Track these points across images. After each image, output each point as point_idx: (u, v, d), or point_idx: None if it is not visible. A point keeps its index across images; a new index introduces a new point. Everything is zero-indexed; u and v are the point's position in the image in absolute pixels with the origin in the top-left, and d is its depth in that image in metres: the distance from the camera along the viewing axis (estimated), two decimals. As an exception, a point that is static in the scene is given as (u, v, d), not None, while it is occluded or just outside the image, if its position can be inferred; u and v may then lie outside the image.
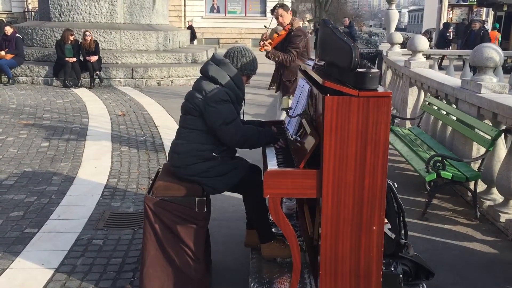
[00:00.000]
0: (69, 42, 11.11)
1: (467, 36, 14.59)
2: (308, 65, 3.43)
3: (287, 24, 5.31)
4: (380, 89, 2.57)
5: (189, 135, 3.16)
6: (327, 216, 2.61)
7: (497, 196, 4.56)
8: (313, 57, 5.36)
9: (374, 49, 13.15)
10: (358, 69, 2.51)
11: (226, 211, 4.38)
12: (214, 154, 3.13)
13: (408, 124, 7.07)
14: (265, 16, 25.70)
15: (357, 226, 2.62)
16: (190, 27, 22.42)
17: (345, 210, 2.60)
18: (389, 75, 10.06)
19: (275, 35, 5.34)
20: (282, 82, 5.38)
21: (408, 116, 7.24)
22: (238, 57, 3.24)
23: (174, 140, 3.27)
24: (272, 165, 2.79)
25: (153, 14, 14.45)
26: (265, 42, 5.21)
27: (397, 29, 15.49)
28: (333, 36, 2.76)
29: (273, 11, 5.37)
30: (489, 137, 4.33)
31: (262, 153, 3.16)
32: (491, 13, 25.24)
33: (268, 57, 5.30)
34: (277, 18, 5.31)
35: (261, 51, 5.30)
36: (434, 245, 3.87)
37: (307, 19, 67.97)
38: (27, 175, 5.25)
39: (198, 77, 3.26)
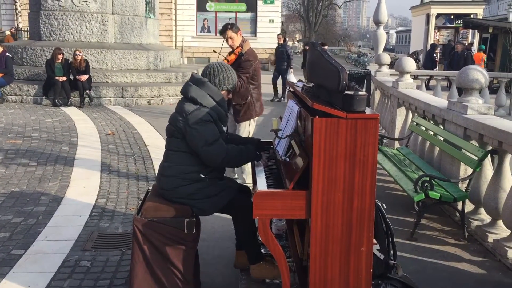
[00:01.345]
0: (59, 61, 11.12)
1: (451, 57, 14.86)
2: (298, 86, 3.47)
3: (237, 47, 5.14)
4: (368, 111, 2.61)
5: (176, 157, 3.16)
6: (316, 237, 2.62)
7: (484, 216, 4.60)
8: (302, 77, 5.36)
9: (363, 70, 13.31)
10: (346, 92, 2.56)
11: (215, 232, 4.36)
12: (201, 175, 3.13)
13: (396, 144, 7.14)
14: (255, 36, 25.99)
15: (346, 247, 2.64)
16: None
17: (334, 231, 2.62)
18: (377, 95, 10.17)
19: (225, 61, 5.11)
20: (233, 106, 5.19)
21: (397, 136, 7.32)
22: (214, 73, 3.25)
23: (162, 162, 3.27)
24: (262, 186, 2.80)
25: (144, 34, 14.53)
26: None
27: (385, 49, 15.72)
28: (321, 59, 2.81)
29: (222, 33, 5.16)
30: (476, 158, 4.39)
31: (252, 174, 3.17)
32: (477, 34, 25.74)
33: None
34: (226, 41, 5.13)
35: None
36: (423, 265, 3.88)
37: (297, 39, 68.76)
38: (15, 195, 5.20)
39: (180, 99, 3.28)
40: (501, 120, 4.52)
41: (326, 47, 16.04)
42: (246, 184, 4.27)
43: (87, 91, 11.25)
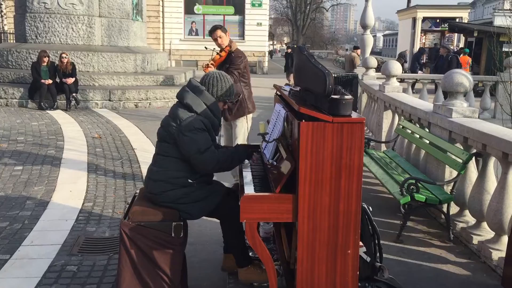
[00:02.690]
0: (45, 63, 11.03)
1: (437, 60, 15.05)
2: (285, 90, 3.49)
3: (226, 46, 5.30)
4: (354, 115, 2.64)
5: (165, 162, 3.15)
6: (303, 240, 2.64)
7: (469, 218, 4.66)
8: (282, 80, 5.43)
9: (350, 73, 13.40)
10: (332, 96, 2.58)
11: (203, 235, 4.36)
12: (190, 180, 3.14)
13: (383, 147, 7.19)
14: (243, 39, 26.03)
15: (333, 249, 2.66)
16: None
17: (320, 234, 2.64)
18: (364, 98, 10.25)
19: (217, 56, 5.33)
20: None
21: (383, 139, 7.38)
22: (214, 83, 3.23)
23: (150, 166, 3.27)
24: (249, 189, 2.81)
25: (131, 37, 14.48)
26: (208, 63, 5.23)
27: (373, 52, 15.90)
28: (308, 63, 2.83)
29: (211, 32, 5.33)
30: (461, 161, 4.44)
31: (239, 177, 3.18)
32: (462, 38, 26.04)
33: None
34: (215, 40, 5.29)
35: (206, 72, 5.23)
36: (409, 267, 3.92)
37: (285, 42, 69.00)
38: (0, 200, 5.14)
39: (175, 102, 3.28)
40: (485, 123, 4.58)
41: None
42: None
43: (74, 94, 11.17)
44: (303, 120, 2.53)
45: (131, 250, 3.00)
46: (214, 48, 5.52)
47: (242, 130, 5.33)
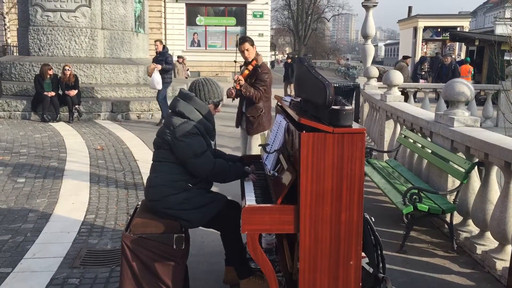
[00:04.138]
0: (48, 76, 11.09)
1: (439, 69, 15.05)
2: (285, 101, 3.50)
3: (253, 60, 5.23)
4: (355, 125, 2.64)
5: (163, 167, 3.20)
6: (305, 251, 2.62)
7: (473, 228, 4.63)
8: (281, 90, 5.44)
9: (352, 83, 13.42)
10: (332, 106, 2.59)
11: (205, 247, 4.35)
12: (189, 184, 3.16)
13: (385, 156, 7.18)
14: (245, 50, 26.08)
15: (335, 261, 2.64)
16: None
17: (322, 245, 2.62)
18: (366, 108, 10.26)
19: (246, 71, 5.25)
20: (246, 117, 5.28)
21: (386, 148, 7.37)
22: (201, 88, 3.33)
23: (149, 176, 3.29)
24: (250, 200, 2.81)
25: (134, 48, 14.56)
26: (238, 80, 5.15)
27: (374, 62, 15.88)
28: (308, 74, 2.84)
29: (239, 44, 5.23)
30: (463, 170, 4.43)
31: (241, 189, 3.18)
32: (464, 47, 26.11)
33: (238, 93, 5.23)
34: (242, 52, 5.20)
35: (238, 88, 5.22)
36: (412, 278, 3.89)
37: (287, 52, 69.26)
38: (2, 213, 5.15)
39: (169, 113, 3.33)
40: (487, 132, 4.57)
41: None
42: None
43: (76, 106, 11.22)
44: (304, 131, 2.53)
45: (132, 263, 3.00)
46: (235, 60, 5.44)
47: (256, 144, 5.29)
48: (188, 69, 20.82)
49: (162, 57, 10.77)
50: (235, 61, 6.43)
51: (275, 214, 2.64)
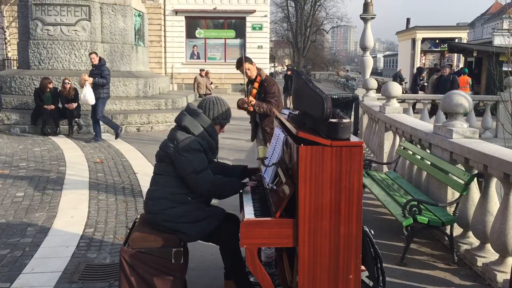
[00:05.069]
0: (48, 90, 11.11)
1: (437, 81, 15.08)
2: (284, 114, 3.51)
3: (257, 76, 5.40)
4: (353, 138, 2.65)
5: (163, 180, 3.20)
6: (304, 265, 2.61)
7: (473, 240, 4.61)
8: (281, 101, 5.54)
9: (351, 94, 13.46)
10: (330, 119, 2.59)
11: (205, 260, 4.32)
12: (188, 198, 3.16)
13: (385, 168, 7.17)
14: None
15: (334, 274, 2.63)
16: None
17: (321, 258, 2.61)
18: (365, 119, 10.27)
19: (254, 90, 5.41)
20: (263, 129, 5.46)
21: (385, 160, 7.36)
22: (210, 107, 3.33)
23: (149, 188, 3.29)
24: (249, 214, 2.80)
25: (133, 61, 14.63)
26: (249, 101, 5.26)
27: (373, 73, 15.87)
28: (305, 88, 2.85)
29: (238, 67, 5.37)
30: (462, 182, 4.42)
31: (239, 202, 3.17)
32: (462, 58, 26.21)
33: (251, 111, 5.38)
34: (245, 73, 5.32)
35: (251, 110, 5.35)
36: (413, 291, 3.86)
37: (286, 64, 69.54)
38: (1, 227, 5.13)
39: (173, 126, 3.34)
40: (486, 144, 4.57)
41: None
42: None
43: (76, 119, 11.23)
44: (302, 144, 2.54)
45: (131, 278, 2.98)
46: (243, 84, 5.62)
47: None
48: (212, 83, 19.50)
49: (97, 71, 10.02)
50: (241, 84, 6.63)
51: (274, 228, 2.64)
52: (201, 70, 18.64)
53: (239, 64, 5.36)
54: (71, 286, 3.83)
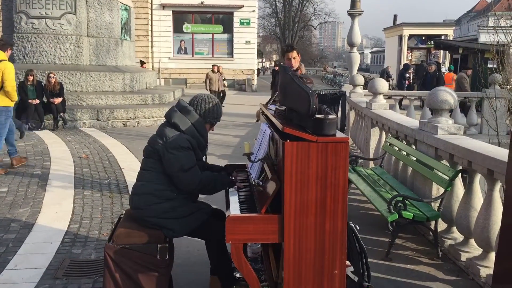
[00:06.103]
0: (30, 82, 10.95)
1: (423, 77, 15.19)
2: (270, 110, 3.50)
3: (297, 69, 4.91)
4: (338, 134, 2.65)
5: (150, 176, 3.18)
6: (289, 261, 2.62)
7: (457, 235, 4.66)
8: (268, 98, 5.32)
9: (338, 90, 13.48)
10: (316, 115, 2.59)
11: (191, 256, 4.31)
12: (174, 194, 3.15)
13: (371, 164, 7.21)
14: (232, 57, 26.18)
15: (319, 270, 2.64)
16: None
17: (307, 254, 2.62)
18: (352, 115, 10.31)
19: None
20: None
21: (371, 156, 7.40)
22: (202, 105, 3.29)
23: (135, 183, 3.27)
24: (234, 210, 2.80)
25: (120, 56, 14.50)
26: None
27: (361, 69, 15.94)
28: (292, 83, 2.85)
29: (286, 51, 4.93)
30: (447, 178, 4.46)
31: (225, 198, 3.16)
32: (448, 55, 26.45)
33: None
34: (288, 59, 4.89)
35: None
36: (398, 286, 3.89)
37: (274, 59, 69.51)
38: (-16, 222, 5.06)
39: (163, 122, 3.31)
40: (470, 140, 4.62)
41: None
42: None
43: (61, 114, 11.11)
44: (288, 140, 2.53)
45: (115, 274, 2.96)
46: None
47: None
48: (225, 79, 18.02)
49: None
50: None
51: (259, 223, 2.63)
52: (214, 65, 17.40)
53: (290, 49, 4.93)
54: (55, 282, 3.80)
